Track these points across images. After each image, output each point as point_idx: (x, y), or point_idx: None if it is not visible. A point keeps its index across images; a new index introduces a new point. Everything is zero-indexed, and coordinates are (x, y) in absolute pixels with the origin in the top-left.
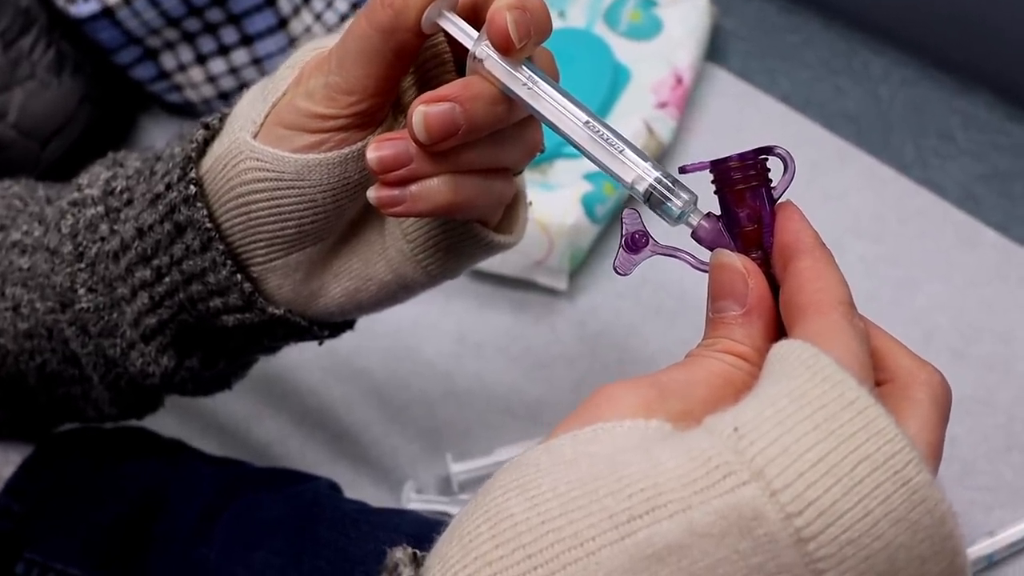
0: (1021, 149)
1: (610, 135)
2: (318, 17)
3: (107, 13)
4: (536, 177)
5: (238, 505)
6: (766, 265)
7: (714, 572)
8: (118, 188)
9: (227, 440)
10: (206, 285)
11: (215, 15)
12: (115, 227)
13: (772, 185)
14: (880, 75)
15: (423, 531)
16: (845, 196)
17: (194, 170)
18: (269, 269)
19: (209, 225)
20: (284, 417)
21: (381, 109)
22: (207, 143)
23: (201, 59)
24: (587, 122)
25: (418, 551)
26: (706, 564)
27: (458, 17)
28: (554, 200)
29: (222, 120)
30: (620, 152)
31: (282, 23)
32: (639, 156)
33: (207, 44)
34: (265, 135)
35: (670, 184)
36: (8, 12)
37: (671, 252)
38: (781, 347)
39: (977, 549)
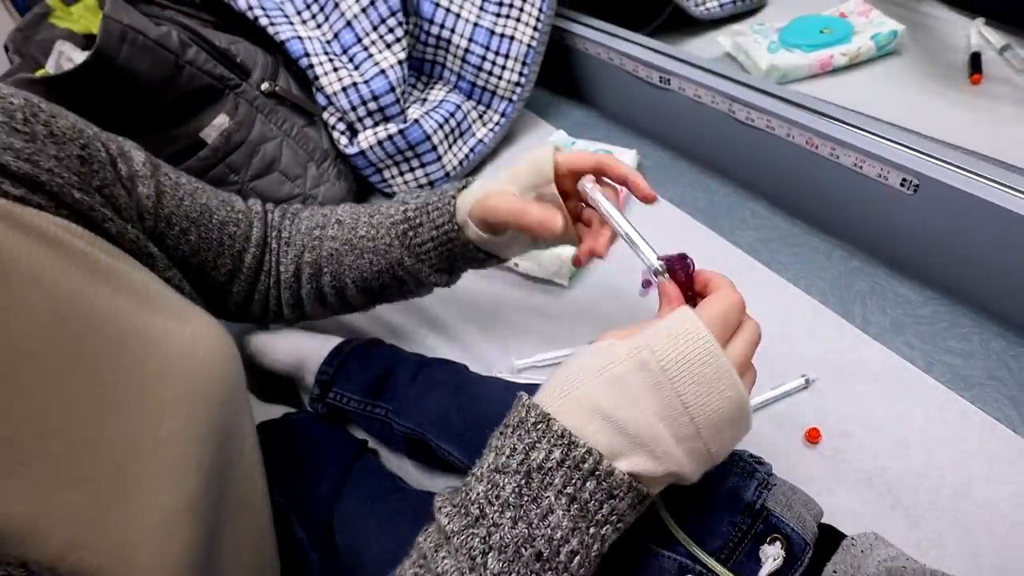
0: None
1: (638, 237)
2: (455, 156)
3: (362, 152)
4: None
5: (425, 372)
6: (689, 299)
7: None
8: (411, 215)
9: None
10: (467, 253)
11: (409, 154)
12: (417, 232)
13: (691, 268)
14: None
15: (508, 385)
16: None
17: (455, 215)
18: (490, 244)
19: (470, 240)
20: (423, 331)
21: None
22: (453, 198)
23: (401, 172)
24: (627, 234)
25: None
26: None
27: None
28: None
29: (462, 189)
30: (642, 242)
31: (439, 158)
32: (652, 251)
33: (404, 166)
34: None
35: (664, 269)
36: (319, 151)
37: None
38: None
39: None
